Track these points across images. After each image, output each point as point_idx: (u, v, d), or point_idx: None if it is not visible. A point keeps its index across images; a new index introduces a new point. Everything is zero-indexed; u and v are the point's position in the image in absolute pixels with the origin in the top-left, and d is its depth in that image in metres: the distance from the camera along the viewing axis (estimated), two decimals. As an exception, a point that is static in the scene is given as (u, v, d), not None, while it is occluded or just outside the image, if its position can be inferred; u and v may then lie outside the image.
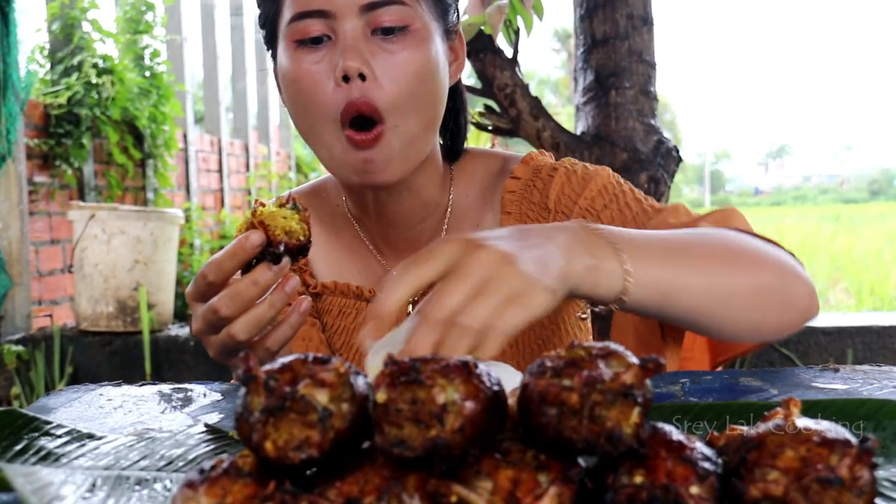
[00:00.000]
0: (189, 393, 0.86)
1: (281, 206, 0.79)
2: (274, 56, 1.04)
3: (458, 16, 1.06)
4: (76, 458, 0.61)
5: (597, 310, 0.79)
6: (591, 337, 1.19)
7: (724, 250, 0.82)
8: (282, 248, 0.77)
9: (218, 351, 0.83)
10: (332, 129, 0.95)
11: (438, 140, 1.10)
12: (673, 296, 0.76)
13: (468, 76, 3.69)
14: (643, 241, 0.77)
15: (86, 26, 4.39)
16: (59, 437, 0.64)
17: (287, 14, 0.97)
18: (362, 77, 0.93)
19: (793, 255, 0.89)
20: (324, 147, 0.98)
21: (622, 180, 1.09)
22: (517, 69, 2.31)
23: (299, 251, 0.78)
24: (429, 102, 0.98)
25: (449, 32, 1.03)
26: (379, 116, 0.93)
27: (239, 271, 0.79)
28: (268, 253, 0.77)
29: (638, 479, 0.42)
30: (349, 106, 0.93)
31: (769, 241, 0.88)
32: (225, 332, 0.80)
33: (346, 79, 0.93)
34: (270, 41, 1.03)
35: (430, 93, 0.98)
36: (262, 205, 0.79)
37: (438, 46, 0.99)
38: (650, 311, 0.76)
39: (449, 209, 1.10)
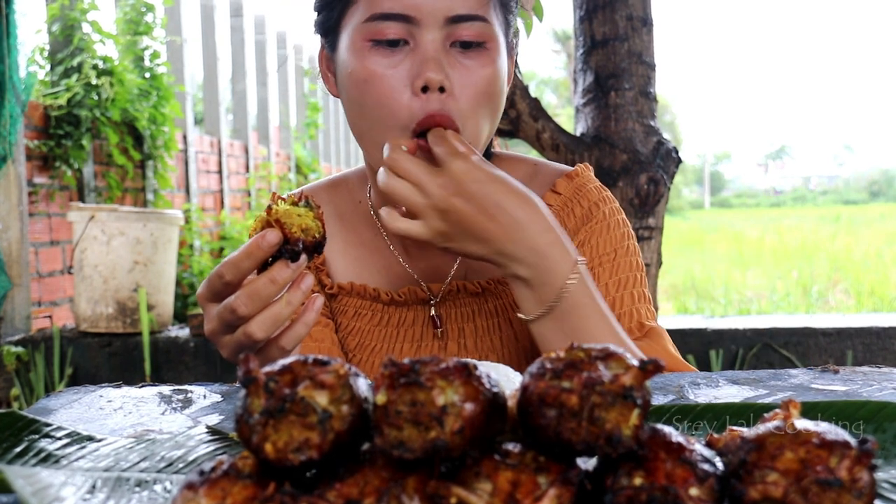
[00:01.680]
0: (189, 394, 0.86)
1: (294, 203, 0.79)
2: (332, 45, 1.03)
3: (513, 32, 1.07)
4: (76, 459, 0.61)
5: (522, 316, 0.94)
6: None
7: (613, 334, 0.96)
8: (300, 245, 0.77)
9: (232, 351, 0.83)
10: (398, 136, 0.95)
11: None
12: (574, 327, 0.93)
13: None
14: (588, 305, 0.93)
15: (86, 27, 4.39)
16: (59, 438, 0.64)
17: (364, 11, 0.96)
18: (441, 89, 0.93)
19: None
20: (381, 149, 0.98)
21: (640, 261, 1.10)
22: (517, 70, 2.31)
23: (315, 248, 0.78)
24: (495, 119, 1.01)
25: (509, 49, 1.05)
26: (456, 131, 0.94)
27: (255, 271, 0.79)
28: (285, 251, 0.77)
29: (637, 481, 0.42)
30: (428, 118, 0.93)
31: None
32: (241, 331, 0.80)
33: (424, 89, 0.93)
34: (329, 29, 1.02)
35: (497, 110, 1.01)
36: (282, 199, 0.79)
37: (505, 64, 1.01)
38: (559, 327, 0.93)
39: None
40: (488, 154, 1.15)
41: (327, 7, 1.02)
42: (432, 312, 1.09)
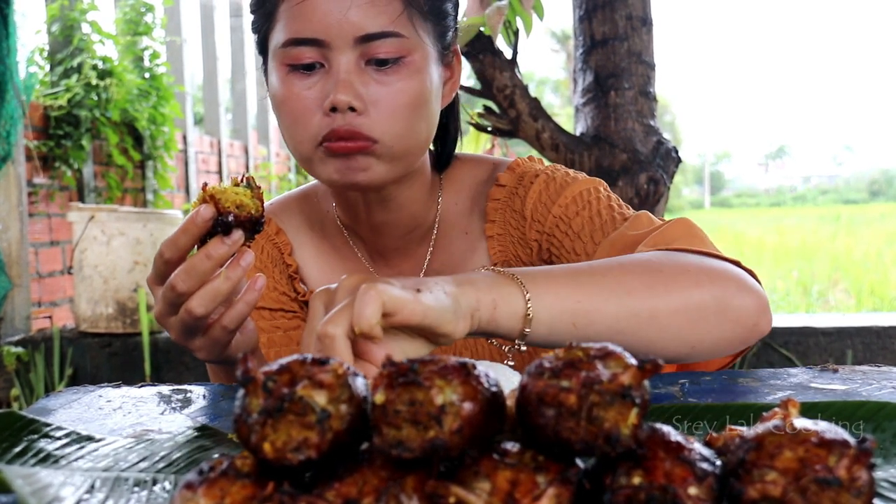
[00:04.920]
0: (188, 394, 0.86)
1: (235, 185, 0.81)
2: (265, 63, 1.04)
3: (455, 33, 1.05)
4: (75, 459, 0.61)
5: (518, 346, 0.76)
6: None
7: (646, 271, 0.81)
8: (230, 217, 0.78)
9: (178, 332, 0.84)
10: (312, 148, 0.96)
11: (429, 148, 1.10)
12: (584, 321, 0.76)
13: (467, 77, 3.68)
14: (549, 272, 0.78)
15: (85, 28, 4.40)
16: (59, 438, 0.64)
17: (279, 36, 0.96)
18: (352, 109, 0.93)
19: (745, 268, 0.87)
20: (305, 160, 0.99)
21: (602, 188, 1.06)
22: (516, 70, 2.31)
23: (252, 225, 0.80)
24: (420, 129, 0.98)
25: (446, 53, 1.02)
26: (366, 145, 0.94)
27: (196, 249, 0.81)
28: (219, 224, 0.78)
29: (636, 480, 0.42)
30: (331, 133, 0.94)
31: (717, 255, 0.87)
32: (183, 308, 0.81)
33: (334, 109, 0.93)
34: (261, 50, 1.04)
35: (425, 118, 0.98)
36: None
37: (433, 72, 0.99)
38: (563, 337, 0.75)
39: (437, 218, 1.10)
40: (450, 158, 1.14)
41: (255, 30, 1.03)
42: None
